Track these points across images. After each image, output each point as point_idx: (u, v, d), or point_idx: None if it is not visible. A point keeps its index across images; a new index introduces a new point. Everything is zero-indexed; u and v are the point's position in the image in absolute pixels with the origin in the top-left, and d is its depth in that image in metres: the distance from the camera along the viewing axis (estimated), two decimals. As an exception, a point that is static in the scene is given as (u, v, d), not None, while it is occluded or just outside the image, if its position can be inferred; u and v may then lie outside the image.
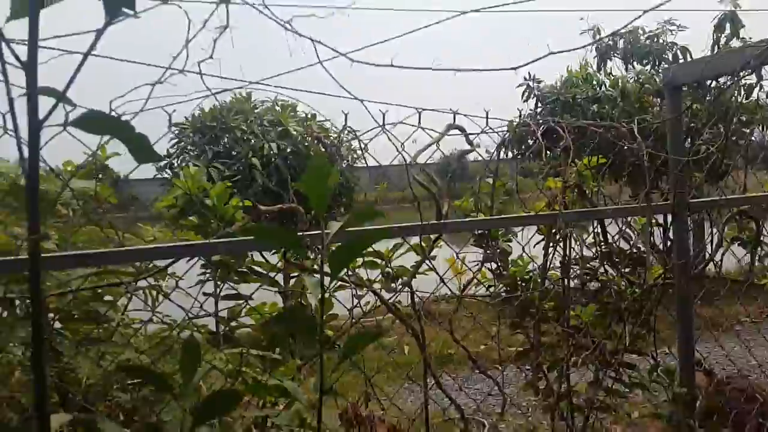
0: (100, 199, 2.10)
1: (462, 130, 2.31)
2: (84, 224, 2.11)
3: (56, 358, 1.88)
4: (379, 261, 2.67)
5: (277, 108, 9.03)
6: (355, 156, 7.99)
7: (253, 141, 8.50)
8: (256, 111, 9.00)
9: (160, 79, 1.33)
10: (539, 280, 3.03)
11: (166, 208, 3.87)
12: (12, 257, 1.60)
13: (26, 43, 0.90)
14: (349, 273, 2.52)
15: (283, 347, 2.79)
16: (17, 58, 0.87)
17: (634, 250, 3.04)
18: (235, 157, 8.45)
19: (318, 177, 0.94)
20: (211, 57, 1.41)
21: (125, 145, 0.90)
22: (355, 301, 2.49)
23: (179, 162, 8.92)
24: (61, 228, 2.20)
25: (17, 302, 1.81)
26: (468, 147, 2.41)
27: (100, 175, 2.42)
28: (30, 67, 0.88)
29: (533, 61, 1.82)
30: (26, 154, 0.90)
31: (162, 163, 9.02)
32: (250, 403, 2.13)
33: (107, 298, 2.18)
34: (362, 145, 2.03)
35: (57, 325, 2.08)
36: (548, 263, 2.99)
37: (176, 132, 8.80)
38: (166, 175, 8.55)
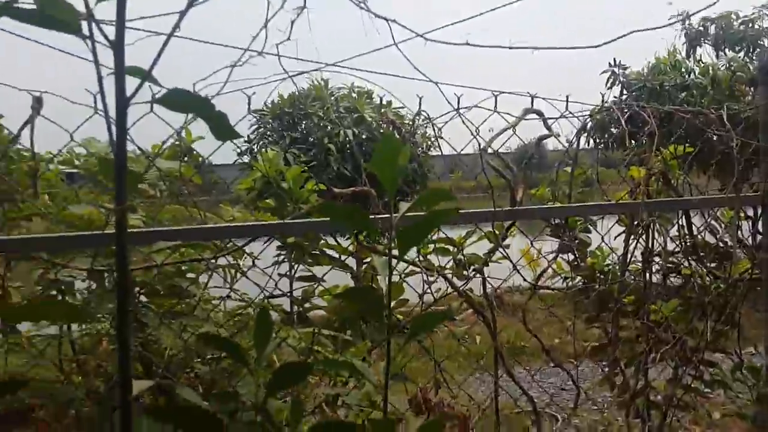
0: (185, 179, 2.18)
1: (540, 114, 2.25)
2: (169, 203, 2.20)
3: (141, 330, 1.97)
4: (451, 248, 2.65)
5: (354, 95, 9.12)
6: (429, 143, 7.96)
7: (329, 127, 8.61)
8: (333, 97, 9.12)
9: (239, 60, 1.36)
10: (618, 273, 2.94)
11: (245, 191, 3.99)
12: (100, 231, 1.68)
13: (114, 23, 0.93)
14: (420, 258, 2.52)
15: (354, 329, 2.83)
16: (106, 37, 0.91)
17: (721, 244, 2.89)
18: (312, 142, 8.59)
19: (388, 158, 0.94)
20: (288, 38, 1.44)
21: (206, 122, 0.93)
22: (426, 287, 2.48)
23: (258, 147, 9.16)
24: (148, 206, 2.31)
25: (106, 275, 1.91)
26: (546, 132, 2.34)
27: (186, 158, 2.52)
28: (117, 46, 0.91)
29: (615, 39, 1.75)
30: (114, 131, 0.94)
31: (242, 149, 9.28)
32: (321, 381, 2.18)
33: (189, 275, 2.27)
34: (436, 131, 2.02)
35: (143, 299, 2.19)
36: (629, 255, 2.89)
37: (256, 118, 9.05)
38: (246, 160, 8.80)
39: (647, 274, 2.88)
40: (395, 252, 1.00)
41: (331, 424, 0.87)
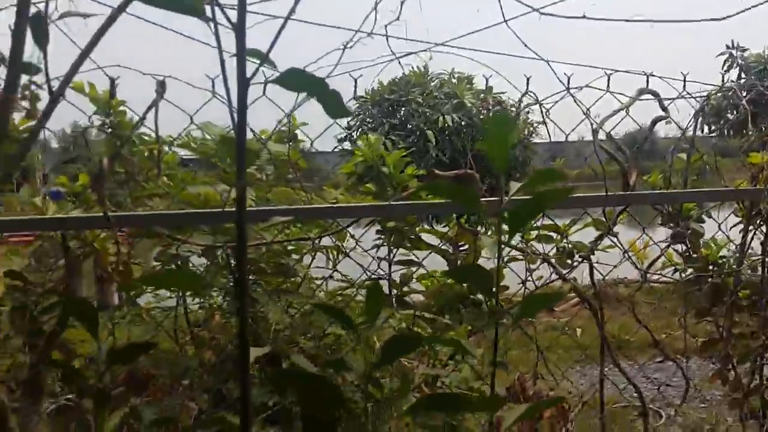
0: (292, 162, 2.26)
1: (655, 94, 2.14)
2: (276, 185, 2.29)
3: (251, 305, 2.07)
4: (554, 235, 2.59)
5: (453, 80, 9.03)
6: (531, 129, 7.80)
7: (428, 113, 8.59)
8: (432, 84, 9.08)
9: (350, 41, 1.39)
10: (734, 265, 2.78)
11: (344, 176, 4.07)
12: (219, 209, 1.77)
13: (235, 7, 0.98)
14: (523, 245, 2.48)
15: (453, 314, 2.83)
16: (228, 20, 0.95)
17: None
18: (410, 129, 8.61)
19: (498, 135, 0.93)
20: (398, 19, 1.44)
21: (319, 101, 0.96)
22: (528, 274, 2.45)
23: (358, 134, 9.30)
24: (257, 189, 2.41)
25: (219, 252, 2.01)
26: (661, 114, 2.23)
27: (291, 143, 2.60)
28: (239, 29, 0.96)
29: (745, 10, 1.63)
30: (235, 111, 0.99)
31: (341, 135, 9.46)
32: (421, 363, 2.20)
33: (294, 256, 2.36)
34: (544, 112, 1.97)
35: (251, 276, 2.29)
36: (746, 247, 2.72)
37: (357, 105, 9.16)
38: (346, 147, 8.97)
39: (766, 267, 2.71)
40: (489, 236, 0.99)
41: (438, 396, 0.88)
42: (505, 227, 1.00)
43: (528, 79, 1.91)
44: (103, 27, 1.01)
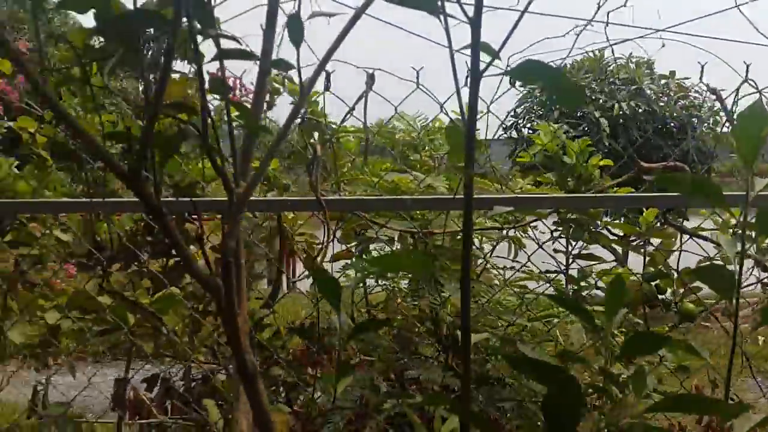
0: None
1: None
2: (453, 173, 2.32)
3: (436, 290, 2.12)
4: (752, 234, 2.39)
5: (631, 65, 8.51)
6: (717, 118, 7.21)
7: (602, 100, 8.19)
8: (608, 69, 8.62)
9: (583, 28, 1.36)
10: None
11: (519, 164, 4.02)
12: (444, 196, 1.82)
13: (471, 2, 1.00)
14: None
15: (634, 313, 2.71)
16: (465, 14, 0.97)
17: None
18: (581, 116, 8.26)
19: (750, 129, 0.88)
20: (624, 5, 1.40)
21: (554, 91, 0.96)
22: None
23: (524, 122, 9.10)
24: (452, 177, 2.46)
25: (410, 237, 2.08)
26: None
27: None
28: (475, 23, 0.98)
29: None
30: (465, 101, 1.02)
31: (507, 124, 9.30)
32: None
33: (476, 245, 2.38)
34: (765, 101, 1.81)
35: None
36: None
37: (526, 92, 8.91)
38: (512, 136, 8.82)
39: None
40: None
41: (682, 397, 0.85)
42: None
43: (748, 66, 1.76)
44: (348, 26, 1.08)
